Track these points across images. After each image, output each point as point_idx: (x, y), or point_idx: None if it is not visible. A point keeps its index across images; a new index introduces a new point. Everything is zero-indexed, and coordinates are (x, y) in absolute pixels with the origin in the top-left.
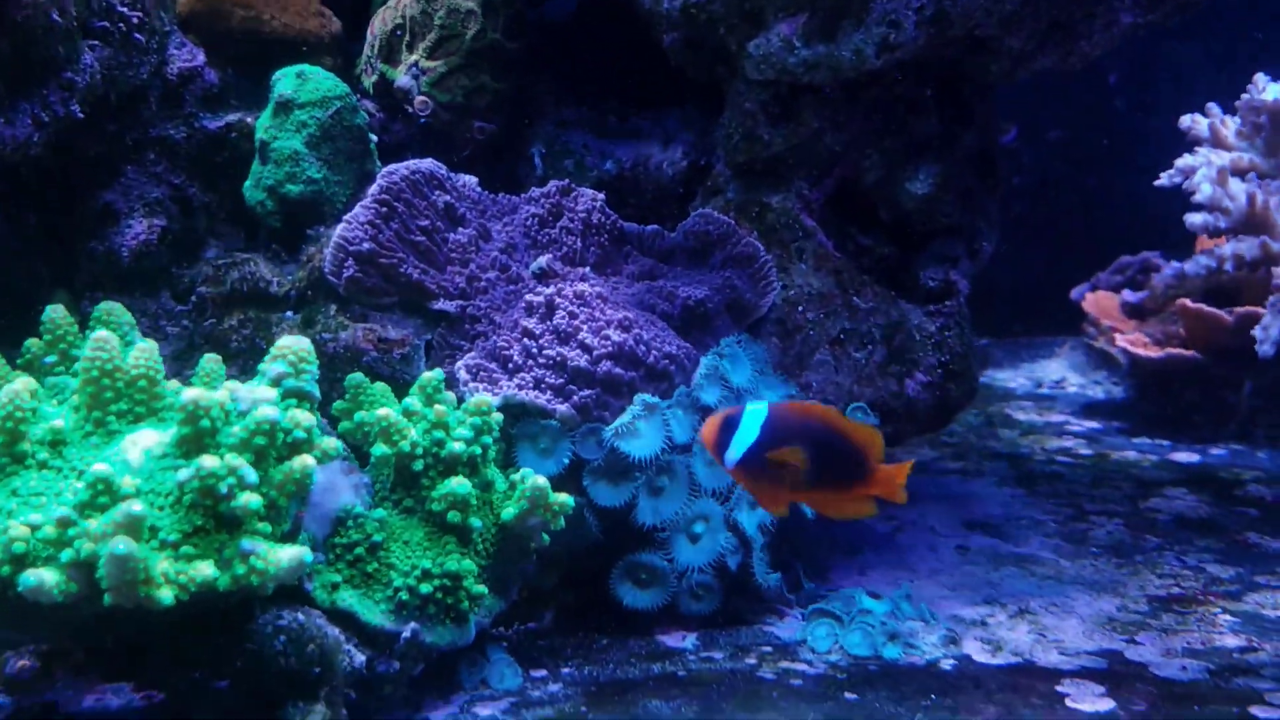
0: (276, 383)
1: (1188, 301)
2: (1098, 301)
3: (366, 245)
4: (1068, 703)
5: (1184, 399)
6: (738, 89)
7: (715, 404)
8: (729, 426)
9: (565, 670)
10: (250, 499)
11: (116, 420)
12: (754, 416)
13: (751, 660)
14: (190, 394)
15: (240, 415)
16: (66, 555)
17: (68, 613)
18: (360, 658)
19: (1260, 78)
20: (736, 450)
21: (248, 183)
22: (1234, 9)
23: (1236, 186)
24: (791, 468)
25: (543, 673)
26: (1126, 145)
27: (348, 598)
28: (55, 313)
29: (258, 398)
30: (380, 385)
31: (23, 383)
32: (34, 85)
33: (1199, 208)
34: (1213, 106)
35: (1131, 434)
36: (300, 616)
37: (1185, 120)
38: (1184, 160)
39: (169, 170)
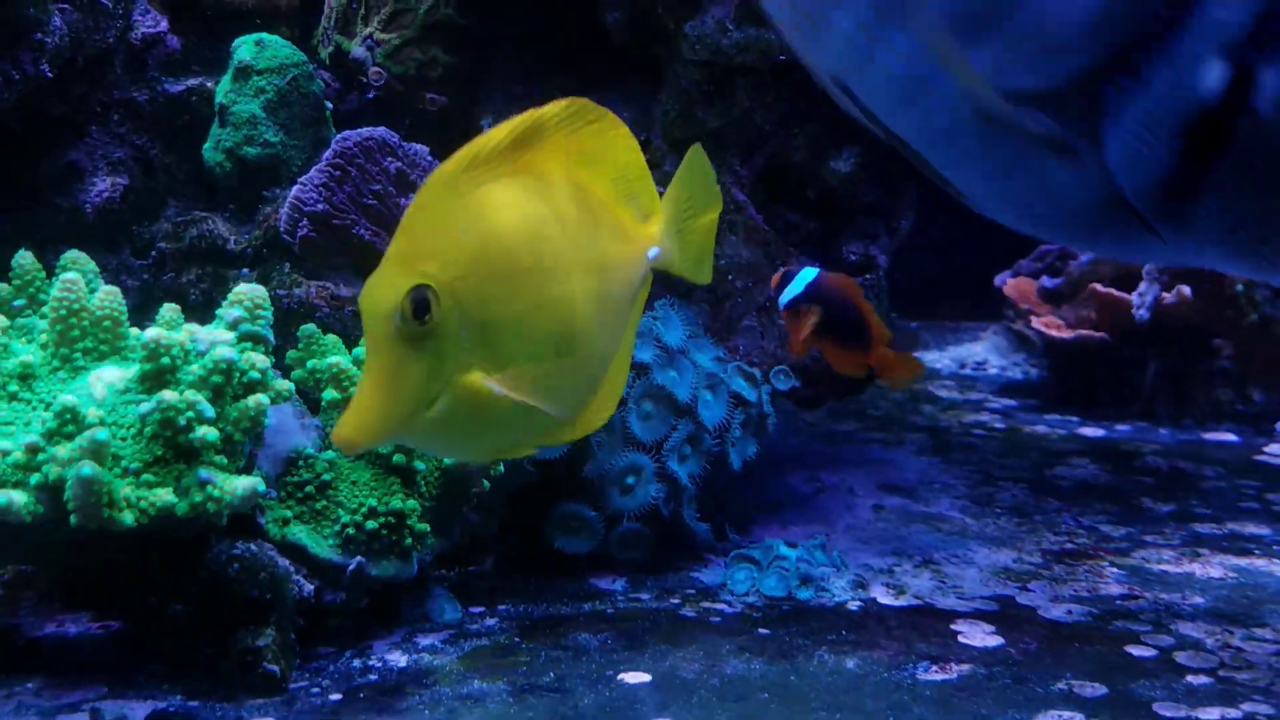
0: (233, 326)
1: (1098, 285)
2: (1018, 286)
3: (320, 206)
4: (960, 639)
5: (1093, 378)
6: (675, 69)
7: (649, 361)
8: (786, 279)
9: (501, 607)
10: (207, 432)
11: (83, 357)
12: (805, 276)
13: (675, 600)
14: (152, 333)
15: (199, 355)
16: (35, 479)
17: (35, 535)
18: (309, 588)
19: None
20: (785, 297)
21: (207, 145)
22: None
23: None
24: (810, 320)
25: (480, 609)
26: None
27: (298, 532)
28: (24, 259)
29: (215, 339)
30: (331, 337)
31: None
32: (5, 45)
33: None
34: None
35: (1043, 410)
36: (253, 547)
37: None
38: None
39: (132, 131)
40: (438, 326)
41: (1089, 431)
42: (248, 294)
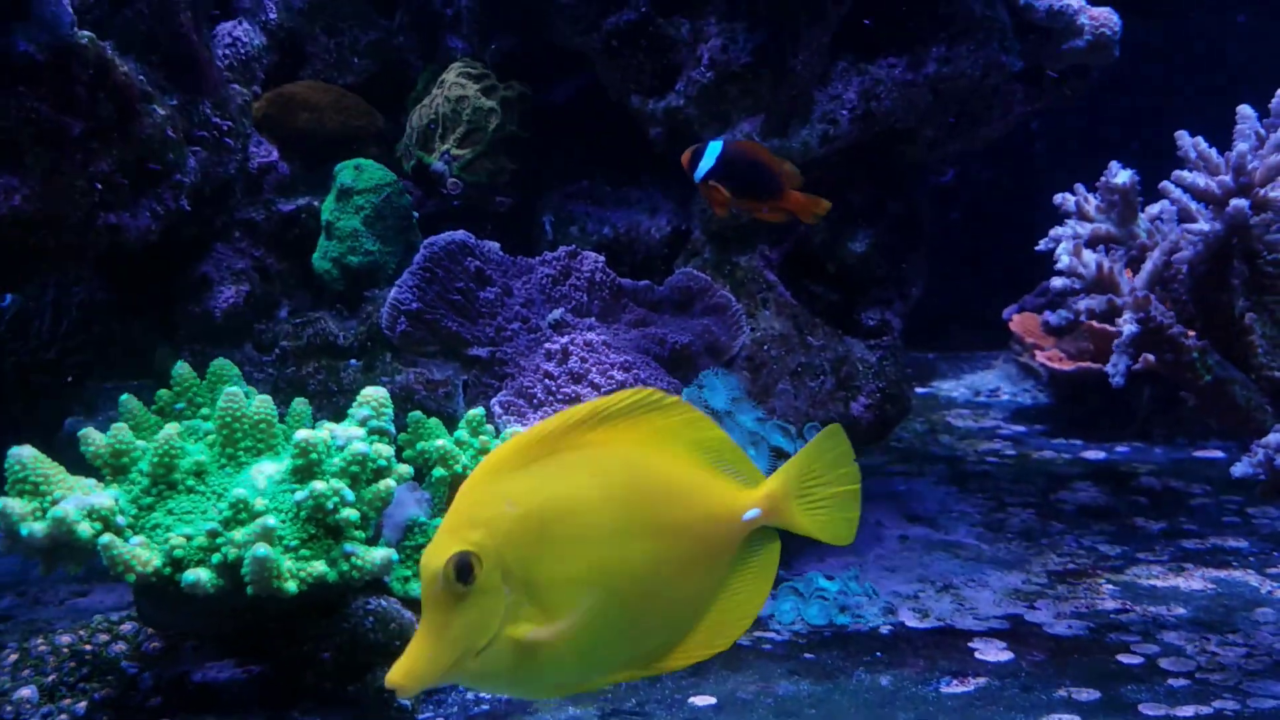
0: (363, 424)
1: (1094, 322)
2: (1023, 321)
3: (415, 305)
4: (976, 655)
5: (1093, 405)
6: None
7: None
8: (696, 155)
9: None
10: (350, 513)
11: (244, 454)
12: (713, 150)
13: None
14: (301, 434)
15: (339, 450)
16: (215, 559)
17: (211, 603)
18: None
19: (1114, 165)
20: (699, 172)
21: (316, 254)
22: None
23: (1088, 256)
24: (721, 193)
25: None
26: (1046, 184)
27: (415, 588)
28: (182, 369)
29: (351, 435)
30: (434, 420)
31: (172, 427)
32: (153, 186)
33: (1059, 273)
34: (1079, 187)
35: (1050, 435)
36: (383, 602)
37: (1058, 198)
38: (1055, 230)
39: (251, 245)
40: (480, 587)
41: (1091, 454)
42: (373, 396)
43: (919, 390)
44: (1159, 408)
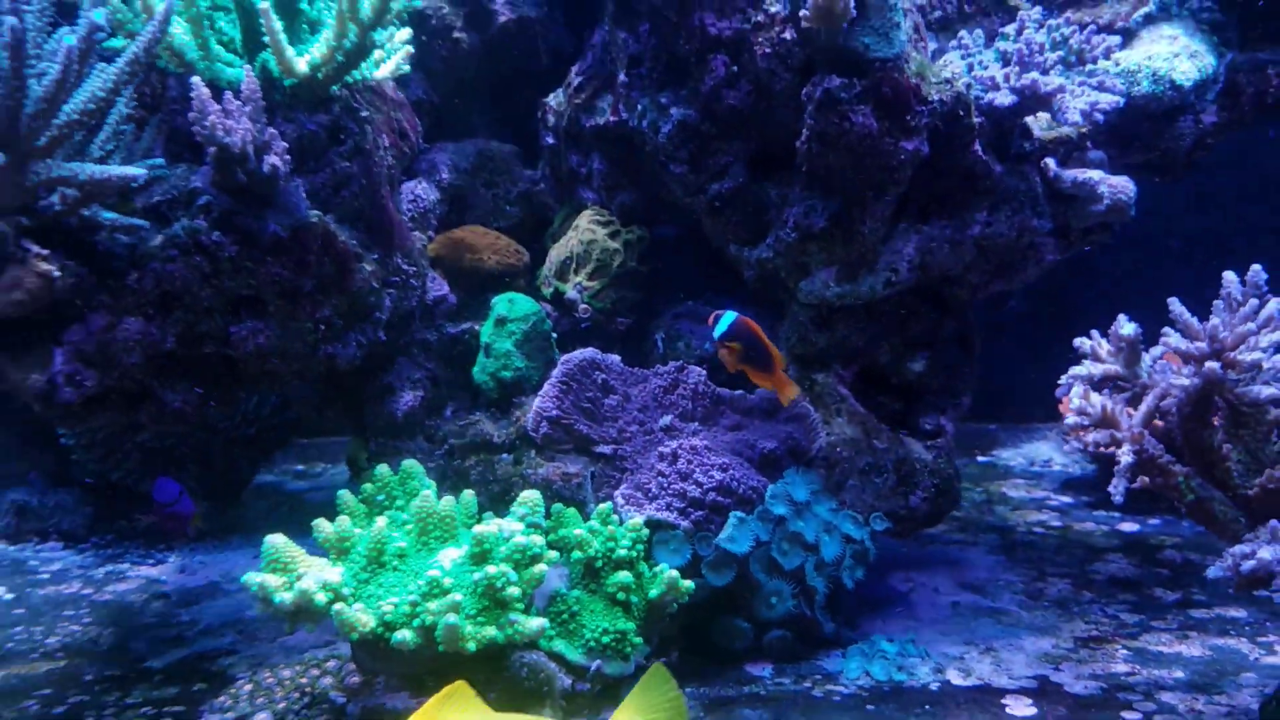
0: (522, 519)
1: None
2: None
3: (554, 412)
4: (1007, 710)
5: None
6: (793, 309)
7: (785, 514)
8: (715, 320)
9: (687, 689)
10: (514, 590)
11: (434, 541)
12: (727, 319)
13: (807, 684)
14: (478, 529)
15: (505, 540)
16: (416, 623)
17: (411, 655)
18: (567, 681)
19: (1121, 317)
20: (716, 334)
21: (476, 369)
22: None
23: (1095, 398)
24: (734, 351)
25: None
26: (1090, 281)
27: (559, 645)
28: (383, 469)
29: (513, 529)
30: (571, 511)
31: (381, 521)
32: (359, 322)
33: (1073, 411)
34: (1094, 333)
35: (1094, 507)
36: (534, 655)
37: (1077, 341)
38: (1073, 370)
39: (425, 360)
40: None
41: (1126, 526)
42: (530, 497)
43: (980, 459)
44: None
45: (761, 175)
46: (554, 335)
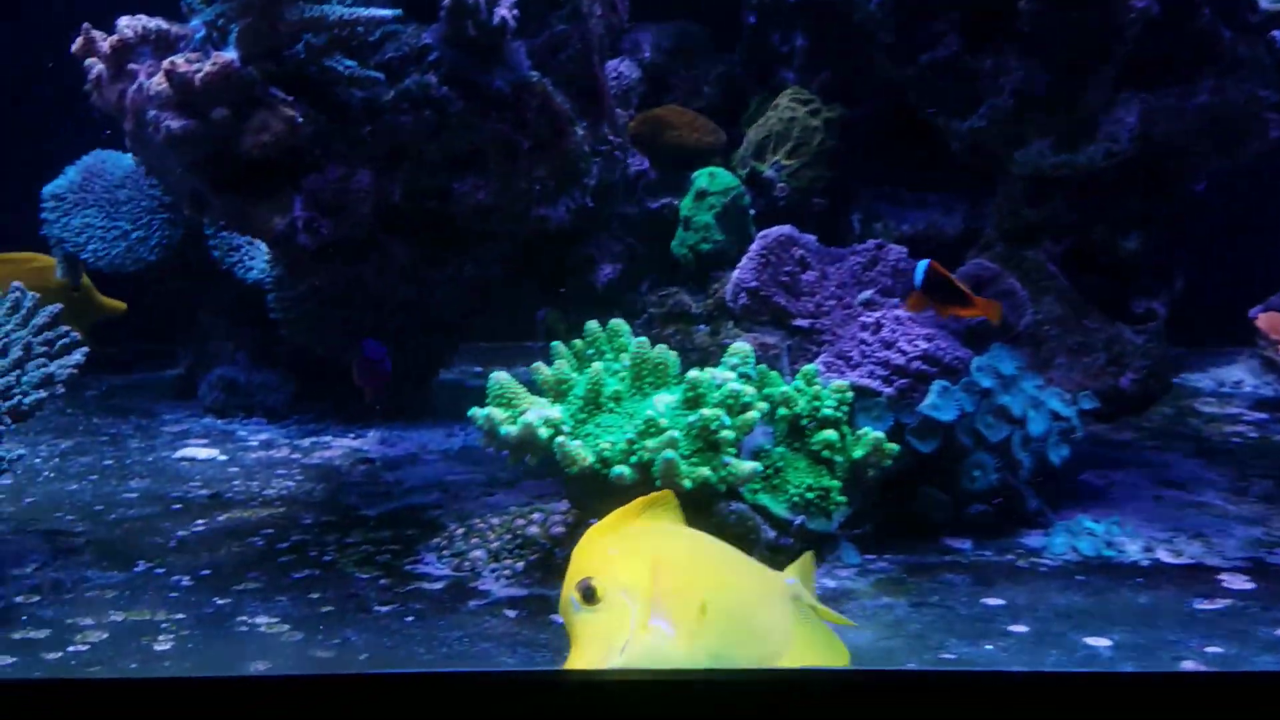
0: (733, 369)
1: None
2: (1269, 320)
3: (753, 283)
4: (1223, 584)
5: None
6: (1005, 180)
7: (991, 387)
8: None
9: (886, 556)
10: (727, 434)
11: (648, 387)
12: (921, 266)
13: (1011, 556)
14: (691, 374)
15: (717, 388)
16: (634, 459)
17: (626, 491)
18: (770, 533)
19: None
20: (917, 279)
21: (674, 242)
22: None
23: None
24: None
25: (872, 556)
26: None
27: (763, 498)
28: (593, 325)
29: (725, 377)
30: (774, 373)
31: (598, 365)
32: (569, 186)
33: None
34: None
35: None
36: (740, 505)
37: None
38: None
39: (624, 234)
40: (605, 604)
41: None
42: (740, 349)
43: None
44: None
45: (975, 43)
46: (752, 213)
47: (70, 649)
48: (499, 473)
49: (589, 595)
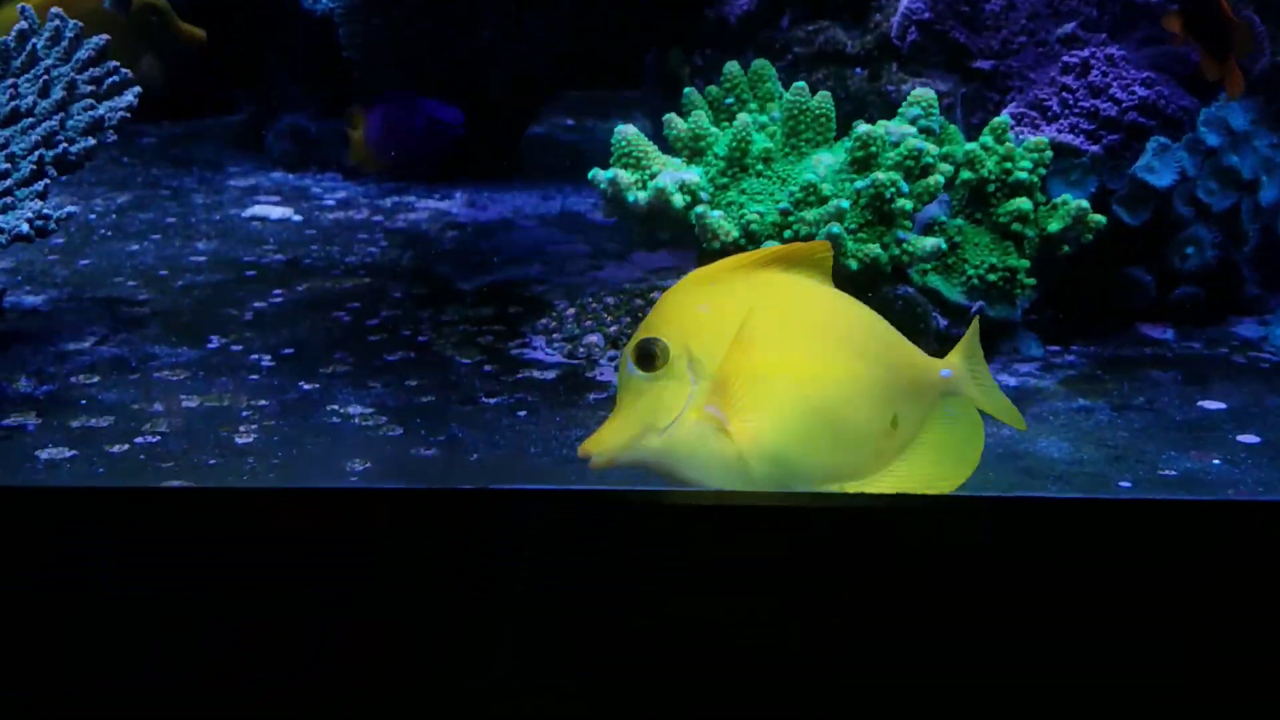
0: (913, 122)
1: None
2: None
3: (927, 14)
4: None
5: None
6: None
7: (1217, 146)
8: None
9: (1074, 347)
10: (904, 203)
11: (805, 145)
12: None
13: (1224, 350)
14: (863, 128)
15: (893, 146)
16: (787, 235)
17: None
18: (943, 322)
19: None
20: None
21: None
22: None
23: None
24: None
25: (1057, 348)
26: None
27: (935, 281)
28: (732, 67)
29: (904, 132)
30: (954, 127)
31: (745, 117)
32: None
33: None
34: None
35: None
36: (909, 289)
37: None
38: None
39: None
40: (667, 372)
41: None
42: (923, 96)
43: None
44: None
45: None
46: None
47: (138, 440)
48: (606, 243)
49: (646, 359)
